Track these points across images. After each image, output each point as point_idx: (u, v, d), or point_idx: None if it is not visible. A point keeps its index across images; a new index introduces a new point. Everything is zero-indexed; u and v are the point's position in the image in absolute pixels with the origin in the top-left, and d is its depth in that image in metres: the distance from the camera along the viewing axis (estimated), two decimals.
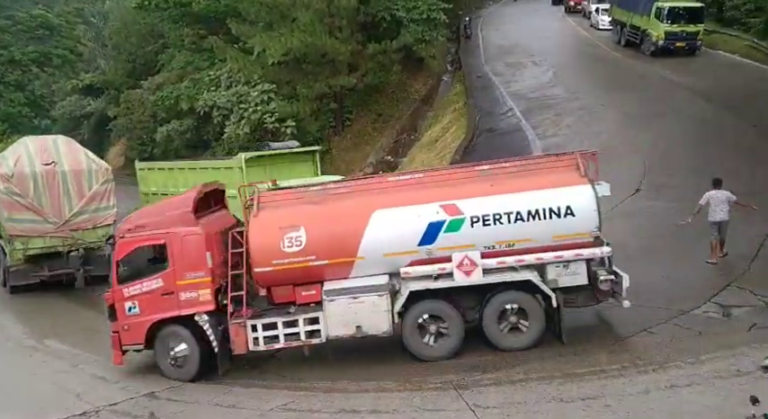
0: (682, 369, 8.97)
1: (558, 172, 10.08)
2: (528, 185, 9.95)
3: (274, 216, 10.24)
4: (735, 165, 15.86)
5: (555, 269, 9.87)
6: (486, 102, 27.89)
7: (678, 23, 28.50)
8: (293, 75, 28.62)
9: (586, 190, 9.80)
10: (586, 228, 9.74)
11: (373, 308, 9.96)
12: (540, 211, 9.78)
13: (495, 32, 41.42)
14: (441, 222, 9.89)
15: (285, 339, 10.27)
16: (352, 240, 10.02)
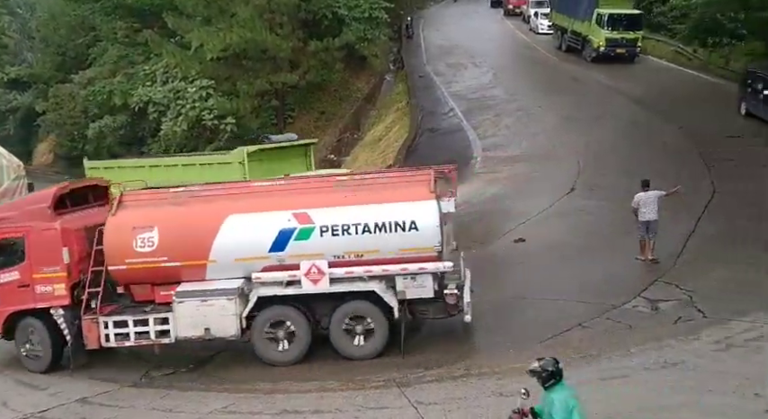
0: (613, 361, 9.31)
1: (410, 186, 10.23)
2: (378, 198, 10.13)
3: (131, 215, 10.41)
4: (663, 166, 16.59)
5: (403, 281, 10.05)
6: (429, 102, 28.18)
7: (618, 30, 28.89)
8: (233, 72, 28.10)
9: (431, 205, 9.89)
10: (430, 243, 9.86)
11: (222, 312, 10.08)
12: (387, 224, 9.92)
13: (437, 33, 41.91)
14: (291, 230, 10.02)
15: (136, 337, 10.41)
16: (203, 243, 10.13)
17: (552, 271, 13.12)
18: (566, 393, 5.82)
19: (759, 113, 19.68)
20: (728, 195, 14.89)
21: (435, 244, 9.86)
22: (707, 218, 13.85)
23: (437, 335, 11.12)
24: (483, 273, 13.42)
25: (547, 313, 11.24)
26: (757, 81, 19.89)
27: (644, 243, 12.33)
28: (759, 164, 16.73)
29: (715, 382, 8.40)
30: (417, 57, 36.74)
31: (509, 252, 14.27)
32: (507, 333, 10.74)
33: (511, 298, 12.11)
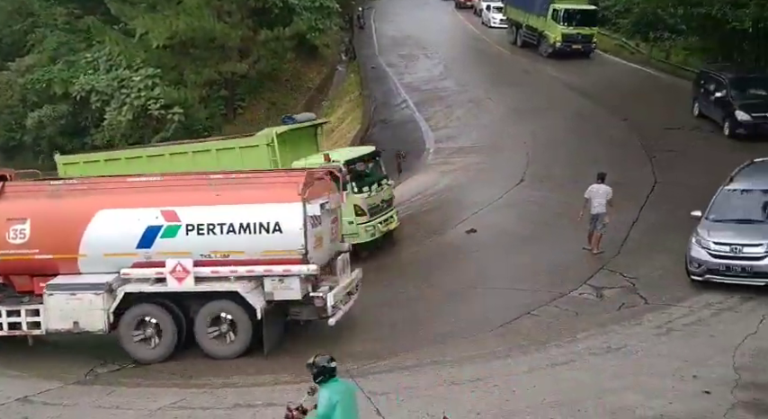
0: (561, 347, 9.57)
1: (279, 187, 10.27)
2: (246, 198, 10.15)
3: (7, 207, 10.43)
4: (609, 157, 17.09)
5: (271, 282, 10.03)
6: (381, 93, 28.17)
7: (574, 26, 28.68)
8: (180, 60, 27.36)
9: (296, 208, 9.82)
10: (293, 246, 9.84)
11: (90, 306, 10.14)
12: (252, 225, 9.95)
13: (388, 24, 41.87)
14: (158, 227, 10.06)
15: (9, 327, 10.47)
16: (73, 237, 10.19)
17: (503, 261, 13.38)
18: (334, 388, 5.88)
19: (711, 114, 19.53)
20: (669, 185, 15.46)
21: (299, 246, 9.82)
22: (649, 207, 14.35)
23: (389, 325, 11.20)
24: (437, 264, 13.64)
25: (498, 301, 11.47)
26: (710, 82, 19.75)
27: (592, 233, 12.67)
28: (697, 154, 17.44)
29: (656, 365, 8.74)
30: (369, 48, 36.63)
31: (462, 242, 14.47)
32: (460, 322, 10.90)
33: (463, 287, 12.30)
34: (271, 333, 10.19)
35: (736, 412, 7.58)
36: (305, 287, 10.11)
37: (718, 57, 24.94)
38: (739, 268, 10.43)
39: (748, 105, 18.03)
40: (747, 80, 19.47)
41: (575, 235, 13.18)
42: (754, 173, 11.85)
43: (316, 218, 10.09)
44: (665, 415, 7.63)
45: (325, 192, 10.57)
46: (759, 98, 18.39)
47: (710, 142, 18.27)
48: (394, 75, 30.32)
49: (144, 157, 15.71)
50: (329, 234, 10.74)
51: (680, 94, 22.60)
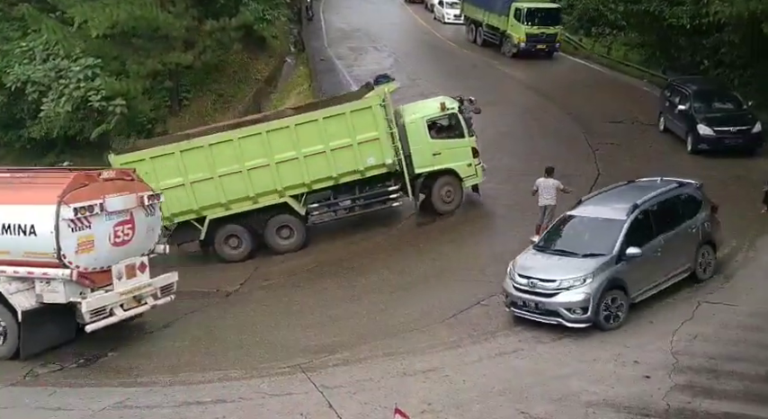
0: (509, 336, 9.80)
1: (42, 189, 10.18)
2: (9, 199, 10.13)
3: None
4: (554, 150, 17.54)
5: (40, 284, 10.07)
6: (331, 86, 27.95)
7: (538, 25, 27.74)
8: (121, 50, 26.40)
9: (49, 210, 9.73)
10: (47, 248, 9.80)
11: None
12: (12, 226, 10.00)
13: (337, 16, 41.60)
14: None
15: None
16: None
17: (455, 252, 13.56)
18: None
19: (675, 129, 18.27)
20: (611, 177, 15.92)
21: (51, 249, 9.76)
22: None
23: (341, 319, 11.22)
24: (388, 257, 13.72)
25: (449, 293, 11.62)
26: (675, 94, 18.65)
27: (540, 225, 12.97)
28: (637, 146, 18.07)
29: (599, 352, 9.06)
30: (318, 40, 36.31)
31: (413, 235, 14.58)
32: (412, 313, 11.01)
33: (415, 279, 12.42)
34: (34, 336, 10.07)
35: (674, 394, 7.95)
36: (73, 290, 9.98)
37: (656, 52, 25.88)
38: (533, 304, 9.69)
39: (712, 119, 17.03)
40: (712, 93, 18.62)
41: (523, 226, 13.47)
42: (613, 197, 10.95)
43: (80, 221, 9.84)
44: (607, 400, 7.93)
45: (115, 193, 10.34)
46: (724, 111, 17.56)
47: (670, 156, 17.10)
48: (344, 68, 30.17)
49: (235, 140, 13.94)
50: (110, 237, 10.34)
51: (621, 89, 23.36)
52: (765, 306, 10.04)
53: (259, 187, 13.98)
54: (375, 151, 14.08)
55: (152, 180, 12.75)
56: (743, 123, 16.94)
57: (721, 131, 16.79)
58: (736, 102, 17.86)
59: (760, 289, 10.55)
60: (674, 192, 10.88)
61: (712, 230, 10.95)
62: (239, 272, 14.11)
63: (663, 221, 10.33)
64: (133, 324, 11.64)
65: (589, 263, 9.64)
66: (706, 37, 21.66)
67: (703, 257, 10.71)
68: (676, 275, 10.37)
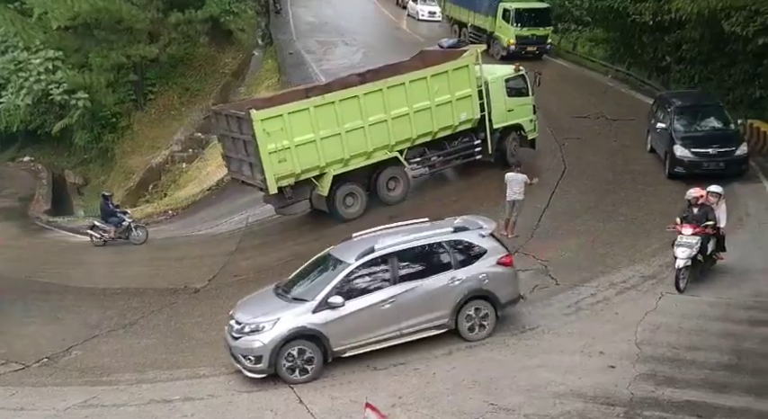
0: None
1: None
2: None
3: None
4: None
5: None
6: (300, 80, 27.68)
7: (528, 26, 26.21)
8: (84, 43, 25.81)
9: None
10: None
11: None
12: None
13: (305, 9, 41.22)
14: None
15: None
16: None
17: None
18: None
19: (658, 149, 16.23)
20: (577, 171, 16.24)
21: None
22: (559, 193, 15.02)
23: None
24: None
25: None
26: (660, 109, 16.58)
27: (508, 219, 13.12)
28: (602, 141, 18.39)
29: (566, 343, 9.22)
30: (286, 34, 35.95)
31: None
32: None
33: None
34: None
35: (638, 383, 8.14)
36: None
37: (620, 48, 26.33)
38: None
39: (691, 139, 14.97)
40: (697, 108, 16.33)
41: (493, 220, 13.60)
42: (378, 237, 9.64)
43: None
44: (574, 390, 8.09)
45: None
46: (707, 130, 15.57)
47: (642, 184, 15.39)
48: (313, 62, 29.94)
49: (360, 96, 14.39)
50: None
51: (586, 84, 23.72)
52: (725, 296, 10.34)
53: (376, 142, 14.70)
54: (467, 107, 15.49)
55: (286, 136, 13.61)
56: (726, 144, 14.83)
57: (700, 153, 14.69)
58: (724, 120, 15.73)
59: (720, 280, 10.85)
60: (439, 238, 9.43)
61: (495, 284, 9.35)
62: (207, 268, 13.96)
63: (408, 269, 9.15)
64: (96, 322, 11.44)
65: (281, 309, 8.77)
66: (668, 33, 22.15)
67: (475, 313, 9.27)
68: (420, 330, 9.13)
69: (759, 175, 15.36)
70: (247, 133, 13.71)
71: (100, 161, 28.16)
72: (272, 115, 13.66)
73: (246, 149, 14.05)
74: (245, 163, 14.43)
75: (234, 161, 15.01)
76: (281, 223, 16.17)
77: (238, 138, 14.25)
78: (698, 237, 10.24)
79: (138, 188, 24.79)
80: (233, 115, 14.32)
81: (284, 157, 13.73)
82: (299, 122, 13.85)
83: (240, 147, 14.33)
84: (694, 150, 14.77)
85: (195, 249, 15.92)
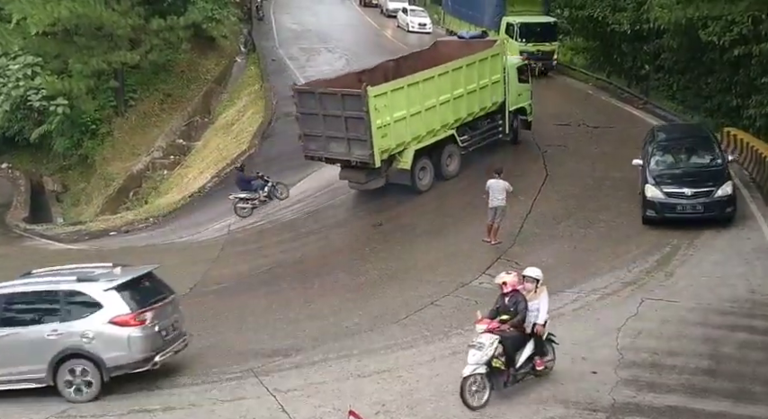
0: (463, 336, 9.88)
1: None
2: None
3: None
4: (504, 152, 17.83)
5: None
6: (283, 86, 27.65)
7: (532, 41, 25.08)
8: (64, 49, 25.56)
9: None
10: None
11: None
12: None
13: (288, 16, 41.26)
14: None
15: None
16: None
17: (408, 253, 13.64)
18: None
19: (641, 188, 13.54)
20: (558, 177, 16.38)
21: None
22: (541, 199, 15.13)
23: (294, 322, 11.14)
24: (343, 258, 13.69)
25: (402, 293, 11.69)
26: (647, 143, 14.60)
27: (491, 226, 13.18)
28: (583, 148, 18.58)
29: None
30: (269, 40, 35.92)
31: (368, 235, 14.59)
32: (366, 315, 11.03)
33: (370, 280, 12.44)
34: None
35: (620, 389, 8.20)
36: None
37: (600, 57, 26.68)
38: None
39: (666, 177, 13.13)
40: (682, 142, 14.56)
41: (474, 226, 13.68)
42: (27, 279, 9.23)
43: None
44: (556, 396, 8.12)
45: None
46: (690, 167, 13.60)
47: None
48: (296, 69, 29.92)
49: (435, 77, 15.72)
50: None
51: (567, 92, 23.96)
52: (704, 301, 10.47)
53: (442, 120, 16.01)
54: (498, 91, 17.32)
55: (389, 113, 14.69)
56: (705, 183, 12.77)
57: (673, 194, 12.77)
58: (712, 155, 13.69)
59: (698, 285, 10.99)
60: (57, 287, 8.84)
61: (101, 344, 8.52)
62: (189, 276, 13.84)
63: (13, 314, 8.81)
64: None
65: None
66: (647, 42, 22.50)
67: (77, 374, 8.59)
68: (15, 381, 8.67)
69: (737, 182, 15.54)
70: (357, 109, 14.40)
71: (79, 168, 27.82)
72: (381, 92, 14.69)
73: (347, 126, 14.67)
74: (340, 140, 14.96)
75: (318, 139, 15.40)
76: (263, 230, 16.10)
77: (338, 115, 14.75)
78: (493, 337, 7.77)
79: (118, 195, 24.53)
80: (336, 93, 14.89)
81: (386, 133, 14.69)
82: (397, 100, 14.99)
83: (337, 125, 14.85)
84: (667, 190, 12.80)
85: (176, 257, 15.76)
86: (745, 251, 12.06)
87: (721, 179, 12.97)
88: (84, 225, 20.63)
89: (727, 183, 12.88)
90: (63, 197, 27.22)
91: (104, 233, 19.14)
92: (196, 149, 26.66)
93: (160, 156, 26.29)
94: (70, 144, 27.48)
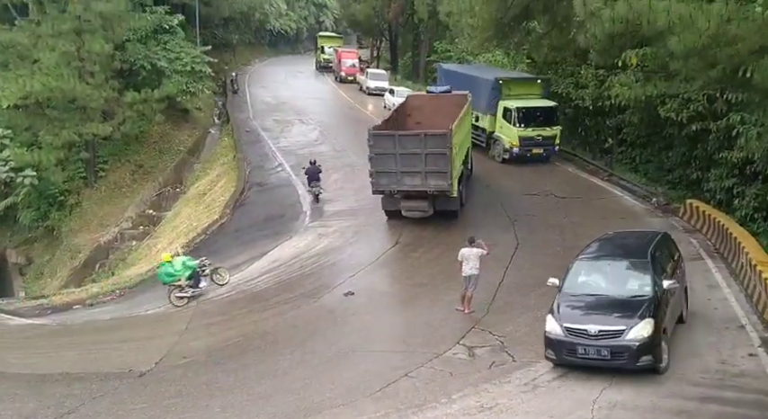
0: (437, 409, 9.67)
1: None
2: None
3: None
4: (475, 220, 18.10)
5: None
6: (256, 157, 28.00)
7: (532, 127, 23.62)
8: (34, 121, 25.65)
9: None
10: None
11: None
12: None
13: (263, 90, 42.28)
14: None
15: None
16: None
17: (380, 323, 13.46)
18: None
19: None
20: (529, 247, 16.58)
21: None
22: (512, 268, 15.23)
23: (263, 398, 10.73)
24: (314, 329, 13.41)
25: (375, 365, 11.42)
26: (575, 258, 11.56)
27: (464, 294, 13.13)
28: (551, 218, 18.93)
29: None
30: (243, 112, 36.57)
31: (339, 305, 14.40)
32: (337, 388, 10.70)
33: (341, 352, 12.15)
34: None
35: None
36: None
37: (566, 130, 27.66)
38: None
39: (571, 306, 10.49)
40: (610, 258, 11.44)
41: (448, 295, 13.62)
42: None
43: None
44: None
45: None
46: (596, 294, 10.65)
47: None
48: (269, 139, 30.37)
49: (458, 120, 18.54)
50: None
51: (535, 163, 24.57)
52: (676, 372, 10.38)
53: (460, 157, 19.02)
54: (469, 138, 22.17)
55: (454, 148, 17.52)
56: (617, 320, 9.91)
57: (576, 331, 9.93)
58: (643, 282, 10.48)
59: (670, 355, 10.92)
60: None
61: None
62: (155, 350, 13.36)
63: None
64: (31, 412, 10.67)
65: None
66: (609, 117, 23.48)
67: None
68: None
69: (701, 253, 15.93)
70: (441, 146, 17.00)
71: (45, 240, 27.25)
72: (454, 131, 17.33)
73: (427, 161, 17.07)
74: (415, 174, 17.24)
75: (389, 175, 17.46)
76: (232, 301, 15.77)
77: (418, 152, 17.08)
78: None
79: (84, 267, 23.98)
80: (419, 134, 17.52)
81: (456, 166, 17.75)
82: (455, 136, 17.41)
83: (415, 161, 17.16)
84: (569, 325, 9.99)
85: (141, 330, 15.26)
86: (713, 321, 12.18)
87: (640, 316, 9.80)
88: (47, 299, 19.96)
89: (646, 323, 9.70)
90: (26, 270, 26.48)
91: (68, 307, 18.51)
92: (166, 219, 26.44)
93: (129, 227, 25.98)
94: (36, 216, 27.07)
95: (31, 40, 25.27)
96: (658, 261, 11.05)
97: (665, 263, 11.27)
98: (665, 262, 11.33)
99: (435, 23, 37.67)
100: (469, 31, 25.86)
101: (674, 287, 10.76)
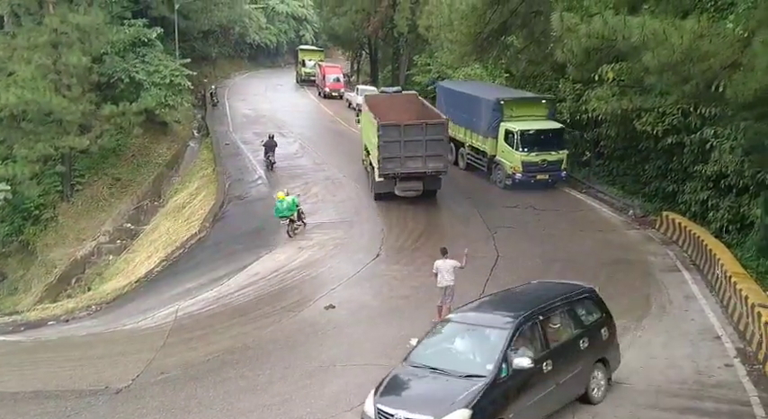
0: None
1: None
2: None
3: None
4: (456, 232, 18.18)
5: None
6: (236, 170, 27.87)
7: (536, 151, 22.02)
8: (9, 134, 25.29)
9: None
10: None
11: None
12: None
13: (243, 103, 42.20)
14: None
15: None
16: None
17: (361, 336, 13.39)
18: None
19: None
20: (509, 258, 16.69)
21: None
22: (493, 279, 15.30)
23: (241, 414, 10.60)
24: (295, 342, 13.30)
25: (356, 379, 11.34)
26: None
27: (440, 306, 13.14)
28: (531, 229, 19.10)
29: None
30: (223, 125, 36.43)
31: (320, 318, 14.31)
32: (318, 403, 10.60)
33: (322, 366, 12.06)
34: None
35: None
36: None
37: None
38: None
39: (399, 383, 8.98)
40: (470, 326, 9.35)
41: (428, 307, 13.61)
42: None
43: None
44: None
45: None
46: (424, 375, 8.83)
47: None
48: (249, 152, 30.26)
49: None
50: None
51: None
52: (654, 383, 10.49)
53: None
54: None
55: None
56: (427, 404, 8.19)
57: (384, 415, 8.38)
58: (483, 358, 8.65)
59: (648, 367, 11.05)
60: None
61: None
62: (132, 366, 13.12)
63: None
64: None
65: None
66: (586, 131, 23.82)
67: None
68: None
69: (678, 265, 16.18)
70: (439, 133, 20.53)
71: (19, 255, 26.76)
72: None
73: (427, 147, 20.25)
74: (417, 158, 20.28)
75: (393, 161, 20.37)
76: (212, 315, 15.60)
77: (420, 139, 20.19)
78: None
79: (59, 282, 23.57)
80: (420, 123, 20.72)
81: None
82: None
83: (417, 147, 20.25)
84: (381, 408, 8.43)
85: (118, 346, 15.00)
86: (690, 332, 12.33)
87: (457, 404, 7.94)
88: (21, 315, 19.57)
89: (457, 415, 7.83)
90: (0, 286, 25.92)
91: (42, 322, 18.16)
92: (145, 233, 26.15)
93: (106, 241, 25.64)
94: (10, 230, 26.60)
95: (6, 53, 25.01)
96: (532, 331, 8.82)
97: (550, 335, 8.99)
98: (551, 333, 9.04)
99: (415, 37, 38.03)
100: (449, 46, 26.19)
101: (528, 367, 8.28)
